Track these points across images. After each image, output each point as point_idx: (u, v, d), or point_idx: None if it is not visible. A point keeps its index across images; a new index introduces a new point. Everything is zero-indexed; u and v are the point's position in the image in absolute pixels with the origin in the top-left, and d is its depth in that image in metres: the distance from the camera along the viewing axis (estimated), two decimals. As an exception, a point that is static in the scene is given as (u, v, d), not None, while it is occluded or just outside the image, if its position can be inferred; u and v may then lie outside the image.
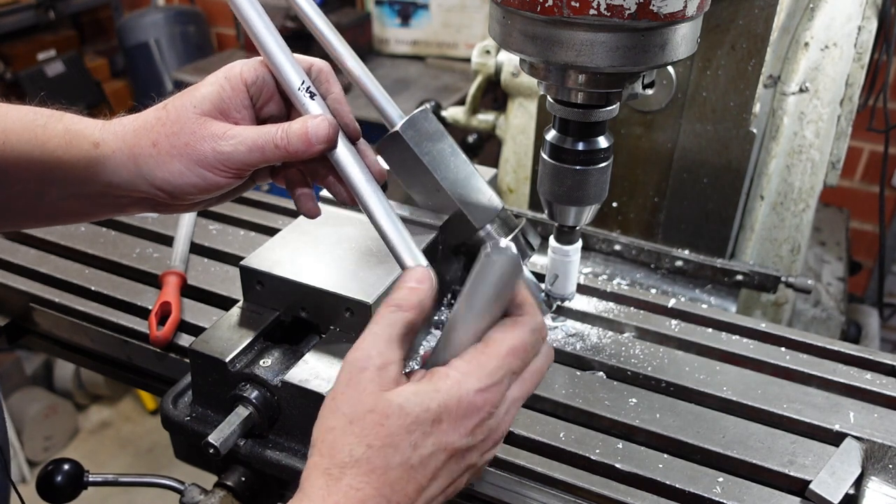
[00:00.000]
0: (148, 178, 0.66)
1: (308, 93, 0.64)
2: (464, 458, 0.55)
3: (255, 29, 0.65)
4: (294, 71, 0.65)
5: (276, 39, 0.65)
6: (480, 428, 0.54)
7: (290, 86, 0.65)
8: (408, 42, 2.75)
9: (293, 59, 0.65)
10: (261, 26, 0.65)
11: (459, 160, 0.82)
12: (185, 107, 0.65)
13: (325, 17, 0.76)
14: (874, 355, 0.87)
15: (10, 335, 1.03)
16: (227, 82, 0.66)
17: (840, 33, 1.06)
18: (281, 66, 0.65)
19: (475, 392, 0.53)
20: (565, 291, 0.88)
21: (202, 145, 0.64)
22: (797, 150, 1.11)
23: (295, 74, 0.65)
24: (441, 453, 0.53)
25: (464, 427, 0.54)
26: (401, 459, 0.52)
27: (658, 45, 0.64)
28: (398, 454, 0.52)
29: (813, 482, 0.71)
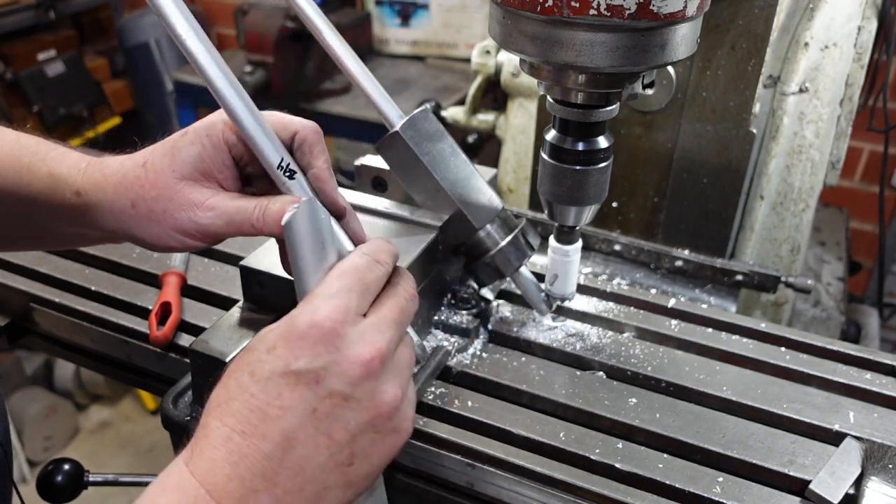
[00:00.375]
0: (127, 233, 0.68)
1: (287, 172, 0.62)
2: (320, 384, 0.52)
3: (229, 101, 0.59)
4: (273, 148, 0.61)
5: (253, 112, 0.60)
6: (324, 347, 0.52)
7: (269, 165, 0.61)
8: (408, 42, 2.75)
9: (272, 133, 0.61)
10: (234, 98, 0.60)
11: (459, 160, 0.82)
12: (165, 171, 0.65)
13: (325, 17, 0.76)
14: (874, 355, 0.87)
15: (10, 335, 1.03)
16: (209, 141, 0.65)
17: (840, 33, 1.06)
18: (259, 144, 0.61)
19: (309, 314, 0.52)
20: (565, 291, 0.88)
21: (179, 214, 0.65)
22: (797, 150, 1.11)
23: (273, 152, 0.61)
24: (279, 377, 0.51)
25: (300, 348, 0.52)
26: (240, 389, 0.52)
27: (658, 45, 0.64)
28: (238, 385, 0.52)
29: (813, 482, 0.71)
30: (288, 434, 0.51)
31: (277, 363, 0.52)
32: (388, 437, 0.55)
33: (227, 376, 0.54)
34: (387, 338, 0.55)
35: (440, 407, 0.79)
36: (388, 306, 0.57)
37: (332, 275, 0.56)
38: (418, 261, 0.81)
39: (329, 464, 0.52)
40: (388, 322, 0.56)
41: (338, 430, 0.52)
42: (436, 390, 0.82)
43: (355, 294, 0.55)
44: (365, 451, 0.54)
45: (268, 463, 0.51)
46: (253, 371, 0.52)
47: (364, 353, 0.53)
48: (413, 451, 0.77)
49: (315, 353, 0.52)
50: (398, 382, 0.56)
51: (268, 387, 0.51)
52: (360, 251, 0.58)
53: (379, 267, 0.58)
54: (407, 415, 0.57)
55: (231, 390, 0.53)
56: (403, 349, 0.58)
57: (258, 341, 0.54)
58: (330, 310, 0.53)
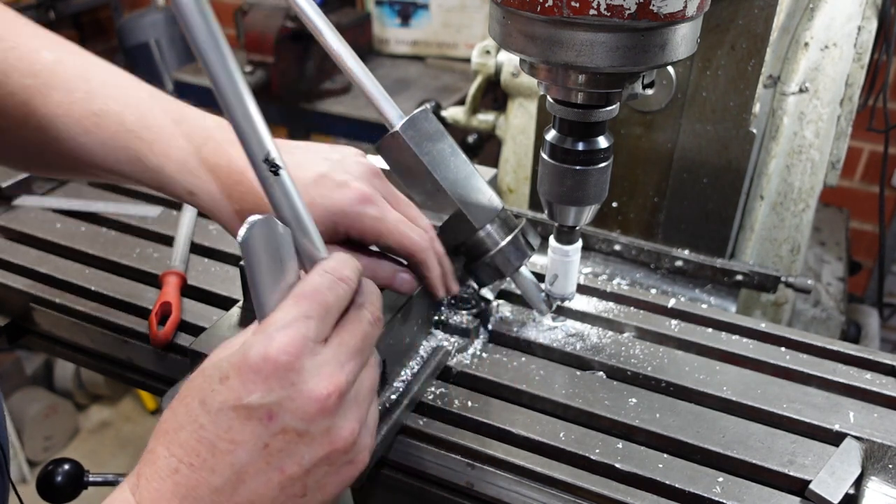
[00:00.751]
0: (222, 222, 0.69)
1: (272, 167, 0.54)
2: (273, 420, 0.49)
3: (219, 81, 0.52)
4: (259, 139, 0.53)
5: (242, 97, 0.52)
6: (279, 381, 0.49)
7: (253, 156, 0.54)
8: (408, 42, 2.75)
9: (261, 124, 0.53)
10: (225, 80, 0.51)
11: (459, 160, 0.82)
12: None
13: (325, 17, 0.76)
14: (874, 355, 0.87)
15: (10, 335, 1.03)
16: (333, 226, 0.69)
17: (840, 33, 1.06)
18: (244, 131, 0.53)
19: (263, 345, 0.49)
20: (565, 291, 0.88)
21: None
22: (797, 150, 1.11)
23: (259, 143, 0.53)
24: (230, 411, 0.49)
25: (253, 382, 0.49)
26: (190, 418, 0.50)
27: (658, 45, 0.64)
28: (188, 413, 0.50)
29: (813, 482, 0.71)
30: (238, 469, 0.49)
31: (229, 395, 0.49)
32: (342, 469, 0.54)
33: (178, 401, 0.52)
34: (346, 370, 0.52)
35: (440, 407, 0.80)
36: (350, 332, 0.54)
37: (290, 298, 0.52)
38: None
39: (280, 497, 0.51)
40: (350, 352, 0.53)
41: (290, 465, 0.50)
42: (436, 390, 0.82)
43: (314, 321, 0.51)
44: (318, 483, 0.52)
45: (217, 496, 0.49)
46: (204, 400, 0.50)
47: (321, 390, 0.50)
48: (413, 451, 0.77)
49: (268, 387, 0.49)
50: (356, 416, 0.53)
51: (218, 419, 0.49)
52: (322, 269, 0.54)
53: (341, 286, 0.54)
54: (364, 445, 0.55)
55: (180, 418, 0.50)
56: (366, 375, 0.55)
57: (212, 368, 0.51)
58: (286, 341, 0.49)
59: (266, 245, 0.52)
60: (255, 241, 0.51)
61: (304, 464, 0.51)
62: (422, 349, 0.85)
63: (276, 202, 0.54)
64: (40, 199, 1.17)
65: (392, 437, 0.77)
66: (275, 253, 0.53)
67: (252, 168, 0.54)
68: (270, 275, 0.53)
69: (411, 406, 0.79)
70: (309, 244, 0.56)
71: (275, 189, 0.54)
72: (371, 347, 0.56)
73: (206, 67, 0.51)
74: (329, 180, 0.69)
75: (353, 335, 0.54)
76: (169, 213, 1.14)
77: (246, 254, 0.51)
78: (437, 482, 0.77)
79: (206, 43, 0.50)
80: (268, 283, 0.53)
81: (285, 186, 0.55)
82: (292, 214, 0.55)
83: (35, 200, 1.16)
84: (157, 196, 1.18)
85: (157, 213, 1.14)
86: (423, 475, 0.78)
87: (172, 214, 1.14)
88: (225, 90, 0.52)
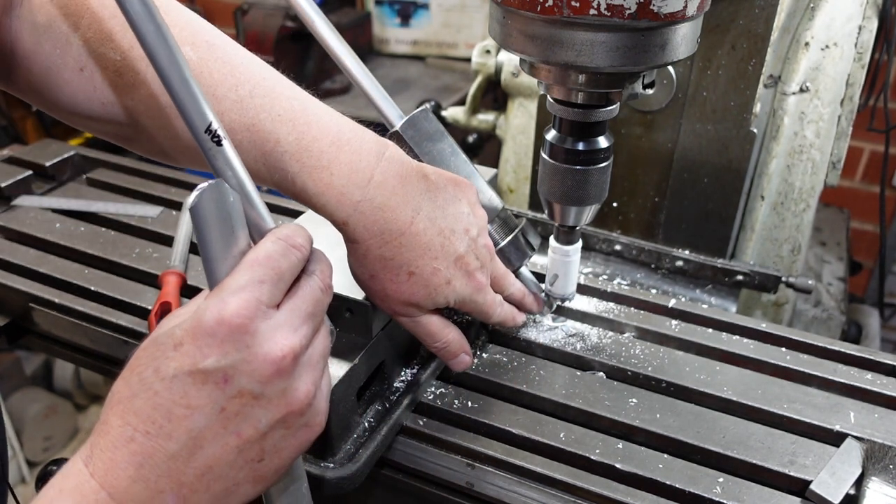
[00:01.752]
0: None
1: (215, 137, 0.53)
2: (228, 383, 0.49)
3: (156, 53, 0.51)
4: (200, 110, 0.52)
5: (180, 68, 0.52)
6: (234, 344, 0.49)
7: (194, 127, 0.53)
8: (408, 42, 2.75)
9: (201, 94, 0.52)
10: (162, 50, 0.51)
11: (459, 160, 0.82)
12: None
13: (325, 17, 0.76)
14: (875, 355, 0.87)
15: (9, 335, 1.03)
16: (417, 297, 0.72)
17: (840, 33, 1.06)
18: (184, 104, 0.52)
19: (216, 309, 0.49)
20: (565, 291, 0.88)
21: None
22: (798, 150, 1.11)
23: (200, 114, 0.52)
24: (185, 376, 0.48)
25: (207, 346, 0.49)
26: (143, 386, 0.49)
27: (658, 45, 0.64)
28: (141, 381, 0.49)
29: (813, 482, 0.71)
30: (195, 434, 0.49)
31: (184, 361, 0.49)
32: (299, 432, 0.54)
33: (129, 370, 0.51)
34: (300, 333, 0.52)
35: (440, 407, 0.79)
36: (302, 297, 0.54)
37: (242, 264, 0.52)
38: (418, 261, 0.81)
39: (238, 461, 0.51)
40: (303, 315, 0.53)
41: (247, 429, 0.50)
42: (436, 390, 0.81)
43: (267, 285, 0.51)
44: (275, 447, 0.52)
45: (173, 463, 0.49)
46: (158, 368, 0.49)
47: (276, 351, 0.50)
48: (413, 451, 0.77)
49: (223, 350, 0.49)
50: (311, 378, 0.54)
51: (173, 385, 0.49)
52: (275, 235, 0.54)
53: (294, 252, 0.54)
54: (319, 408, 0.55)
55: (133, 387, 0.49)
56: (318, 340, 0.55)
57: (164, 336, 0.50)
58: (239, 304, 0.49)
59: (217, 211, 0.51)
60: (206, 206, 0.50)
61: (260, 427, 0.51)
62: (422, 349, 0.85)
63: (220, 172, 0.53)
64: (40, 198, 1.17)
65: (392, 437, 0.76)
66: (226, 219, 0.52)
67: (194, 139, 0.53)
68: (222, 241, 0.52)
69: (411, 406, 0.79)
70: (255, 214, 0.56)
71: (218, 160, 0.53)
72: (322, 314, 0.56)
73: (141, 40, 0.50)
74: (465, 263, 0.72)
75: (305, 300, 0.54)
76: (169, 213, 1.14)
77: (196, 220, 0.50)
78: (437, 482, 0.77)
79: (140, 15, 0.50)
80: (219, 249, 0.52)
81: (228, 157, 0.54)
82: (238, 185, 0.54)
83: (34, 200, 1.16)
84: (157, 196, 1.18)
85: (157, 213, 1.14)
86: (423, 475, 0.78)
87: (172, 214, 1.14)
88: (162, 62, 0.51)
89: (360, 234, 0.67)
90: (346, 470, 0.70)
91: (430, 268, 0.69)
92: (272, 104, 0.65)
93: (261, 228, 0.56)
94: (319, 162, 0.65)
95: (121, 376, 0.51)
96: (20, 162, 1.24)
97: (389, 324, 0.78)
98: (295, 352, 0.52)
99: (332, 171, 0.65)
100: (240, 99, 0.63)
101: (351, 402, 0.73)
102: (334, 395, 0.68)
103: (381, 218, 0.67)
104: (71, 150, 1.27)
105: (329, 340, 0.58)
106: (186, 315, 0.51)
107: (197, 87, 0.52)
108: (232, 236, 0.52)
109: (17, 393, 2.78)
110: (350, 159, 0.66)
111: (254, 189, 0.55)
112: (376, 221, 0.67)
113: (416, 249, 0.68)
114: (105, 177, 1.23)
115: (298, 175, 0.65)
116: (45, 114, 0.78)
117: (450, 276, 0.71)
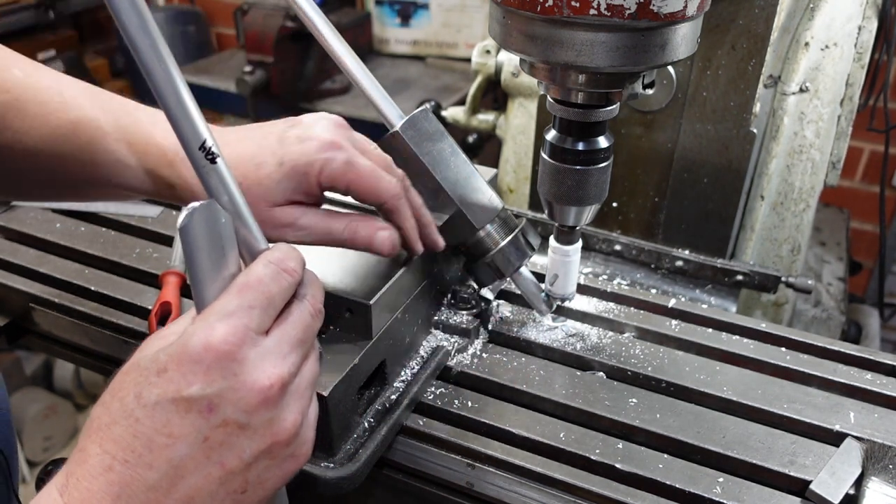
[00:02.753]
0: None
1: (209, 155, 0.52)
2: (213, 412, 0.48)
3: (151, 69, 0.51)
4: (195, 126, 0.51)
5: (174, 83, 0.51)
6: (220, 372, 0.48)
7: (188, 144, 0.52)
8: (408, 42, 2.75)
9: (196, 109, 0.52)
10: (156, 66, 0.51)
11: (459, 160, 0.82)
12: (258, 202, 0.68)
13: (325, 17, 0.76)
14: (874, 355, 0.87)
15: (9, 335, 1.03)
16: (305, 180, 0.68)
17: (840, 33, 1.06)
18: (178, 120, 0.51)
19: (204, 335, 0.48)
20: (565, 291, 0.88)
21: (270, 232, 0.68)
22: (797, 150, 1.11)
23: (195, 131, 0.51)
24: (168, 404, 0.47)
25: (193, 373, 0.47)
26: (124, 413, 0.47)
27: (658, 45, 0.64)
28: (122, 408, 0.48)
29: (813, 482, 0.71)
30: (176, 463, 0.47)
31: (168, 388, 0.47)
32: (284, 463, 0.52)
33: (110, 395, 0.49)
34: (289, 362, 0.51)
35: (440, 407, 0.79)
36: (292, 323, 0.53)
37: (232, 288, 0.51)
38: (418, 261, 0.81)
39: (220, 492, 0.49)
40: (292, 342, 0.52)
41: (231, 459, 0.49)
42: (436, 390, 0.82)
43: (257, 311, 0.50)
44: (259, 478, 0.51)
45: (153, 494, 0.47)
46: (139, 394, 0.48)
47: (263, 380, 0.49)
48: (413, 451, 0.77)
49: (209, 378, 0.47)
50: (298, 407, 0.52)
51: (155, 413, 0.47)
52: (266, 259, 0.53)
53: (285, 277, 0.53)
54: (306, 438, 0.54)
55: (113, 413, 0.48)
56: (307, 367, 0.54)
57: (148, 361, 0.49)
58: (227, 331, 0.48)
59: (207, 232, 0.50)
60: (196, 227, 0.49)
61: (245, 458, 0.49)
62: (422, 349, 0.85)
63: (213, 191, 0.53)
64: (40, 199, 1.17)
65: (392, 437, 0.76)
66: (216, 240, 0.51)
67: (187, 157, 0.52)
68: (211, 263, 0.51)
69: (411, 406, 0.79)
70: (248, 234, 0.55)
71: (212, 177, 0.52)
72: (313, 339, 0.56)
73: (136, 54, 0.50)
74: (291, 136, 0.69)
75: (295, 327, 0.53)
76: (169, 213, 1.14)
77: (186, 241, 0.49)
78: (438, 482, 0.77)
79: (136, 28, 0.49)
80: (208, 271, 0.51)
81: (222, 175, 0.53)
82: (230, 203, 0.53)
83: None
84: (156, 196, 1.18)
85: (157, 213, 1.14)
86: (424, 475, 0.78)
87: (172, 214, 1.14)
88: (156, 77, 0.50)
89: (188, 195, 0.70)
90: (346, 470, 0.70)
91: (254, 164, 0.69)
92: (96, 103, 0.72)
93: (253, 249, 0.55)
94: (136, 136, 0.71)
95: (100, 401, 0.50)
96: (20, 162, 1.24)
97: (389, 324, 0.78)
98: (283, 380, 0.50)
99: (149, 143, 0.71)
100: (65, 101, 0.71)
101: (351, 402, 0.73)
102: (334, 395, 0.69)
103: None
104: (71, 150, 1.26)
105: (318, 366, 0.57)
106: (171, 338, 0.50)
107: (192, 104, 0.51)
108: (222, 258, 0.51)
109: (17, 393, 2.78)
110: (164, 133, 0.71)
111: (247, 208, 0.55)
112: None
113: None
114: (105, 177, 1.23)
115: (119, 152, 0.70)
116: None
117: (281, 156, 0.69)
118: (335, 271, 0.79)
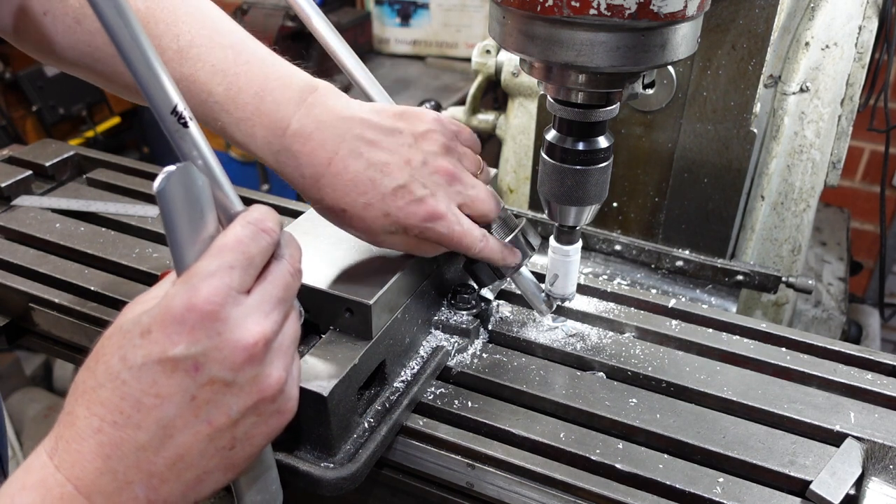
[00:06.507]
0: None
1: (181, 119, 0.52)
2: (199, 371, 0.48)
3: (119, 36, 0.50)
4: (166, 92, 0.51)
5: (144, 49, 0.51)
6: (204, 331, 0.48)
7: (159, 109, 0.52)
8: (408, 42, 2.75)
9: (167, 75, 0.52)
10: (124, 32, 0.50)
11: (459, 160, 0.82)
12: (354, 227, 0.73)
13: (325, 17, 0.76)
14: (875, 355, 0.87)
15: (9, 335, 1.03)
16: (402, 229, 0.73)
17: (841, 33, 1.06)
18: (149, 85, 0.51)
19: (186, 296, 0.48)
20: (565, 291, 0.88)
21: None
22: (798, 149, 1.11)
23: (166, 96, 0.51)
24: (154, 365, 0.48)
25: (177, 334, 0.48)
26: (110, 376, 0.48)
27: (658, 44, 0.64)
28: (108, 371, 0.48)
29: (813, 482, 0.71)
30: (165, 423, 0.48)
31: (153, 349, 0.48)
32: (270, 419, 0.53)
33: (94, 359, 0.50)
34: (271, 319, 0.52)
35: (440, 407, 0.79)
36: (272, 282, 0.53)
37: (212, 249, 0.51)
38: (418, 260, 0.81)
39: (209, 449, 0.50)
40: (273, 300, 0.53)
41: (218, 417, 0.50)
42: (436, 390, 0.81)
43: (237, 271, 0.51)
44: (247, 434, 0.52)
45: (143, 454, 0.48)
46: (124, 356, 0.48)
47: (247, 338, 0.50)
48: (413, 451, 0.77)
49: (194, 338, 0.48)
50: (282, 363, 0.53)
51: (142, 374, 0.48)
52: (244, 220, 0.53)
53: (264, 237, 0.53)
54: (291, 394, 0.55)
55: (99, 376, 0.49)
56: (289, 325, 0.55)
57: (130, 324, 0.49)
58: (209, 291, 0.49)
59: (185, 195, 0.50)
60: (173, 190, 0.49)
61: (232, 414, 0.50)
62: (422, 349, 0.85)
63: (187, 155, 0.53)
64: (39, 198, 1.17)
65: (392, 437, 0.76)
66: (194, 203, 0.51)
67: (159, 121, 0.52)
68: (190, 226, 0.51)
69: (411, 406, 0.79)
70: (224, 196, 0.55)
71: (185, 141, 0.52)
72: (293, 298, 0.56)
73: (104, 22, 0.50)
74: (407, 192, 0.70)
75: (275, 285, 0.53)
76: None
77: (163, 204, 0.49)
78: (438, 482, 0.77)
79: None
80: (187, 234, 0.51)
81: (195, 138, 0.53)
82: (205, 167, 0.53)
83: (34, 200, 1.16)
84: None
85: (157, 213, 1.14)
86: (423, 475, 0.78)
87: (172, 214, 1.13)
88: (126, 44, 0.50)
89: (290, 179, 0.69)
90: (346, 470, 0.69)
91: (361, 203, 0.69)
92: (208, 54, 0.67)
93: (229, 211, 0.55)
94: (244, 113, 0.67)
95: (84, 366, 0.50)
96: (20, 162, 1.24)
97: (389, 324, 0.78)
98: (266, 338, 0.51)
99: (255, 122, 0.67)
100: (180, 49, 0.66)
101: (351, 402, 0.73)
102: (334, 395, 0.68)
103: (299, 164, 0.68)
104: (71, 150, 1.27)
105: (299, 325, 0.57)
106: (152, 301, 0.50)
107: (162, 69, 0.51)
108: (201, 220, 0.51)
109: (16, 393, 2.78)
110: (270, 109, 0.68)
111: (221, 171, 0.55)
112: (297, 167, 0.68)
113: (341, 188, 0.69)
114: (105, 177, 1.23)
115: (228, 126, 0.67)
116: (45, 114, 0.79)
117: (386, 208, 0.70)
118: (335, 271, 0.79)
